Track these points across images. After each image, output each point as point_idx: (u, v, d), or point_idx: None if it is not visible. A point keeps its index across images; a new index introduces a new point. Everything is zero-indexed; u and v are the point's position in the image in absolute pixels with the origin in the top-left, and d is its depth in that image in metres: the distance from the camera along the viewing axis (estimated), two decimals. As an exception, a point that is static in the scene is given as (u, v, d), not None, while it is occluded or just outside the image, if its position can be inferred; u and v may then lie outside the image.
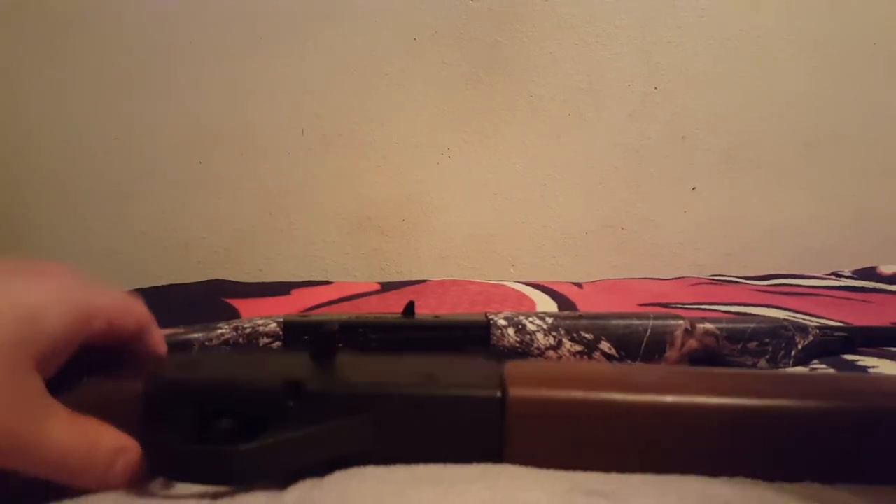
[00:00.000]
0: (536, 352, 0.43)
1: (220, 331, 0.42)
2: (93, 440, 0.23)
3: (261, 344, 0.42)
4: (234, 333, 0.41)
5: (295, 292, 0.61)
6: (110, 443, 0.23)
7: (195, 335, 0.42)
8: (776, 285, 0.66)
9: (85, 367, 0.24)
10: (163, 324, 0.43)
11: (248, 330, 0.42)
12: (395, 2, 0.77)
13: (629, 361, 0.43)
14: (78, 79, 0.78)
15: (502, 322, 0.44)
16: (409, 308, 0.44)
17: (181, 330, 0.43)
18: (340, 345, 0.26)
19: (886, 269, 0.71)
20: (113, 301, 0.24)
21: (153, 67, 0.78)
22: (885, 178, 0.83)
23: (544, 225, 0.82)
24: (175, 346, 0.42)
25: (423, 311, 0.44)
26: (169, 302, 0.59)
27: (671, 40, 0.79)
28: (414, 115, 0.80)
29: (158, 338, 0.27)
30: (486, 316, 0.44)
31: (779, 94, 0.81)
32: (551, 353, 0.43)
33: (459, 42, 0.79)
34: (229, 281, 0.70)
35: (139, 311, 0.26)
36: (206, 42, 0.78)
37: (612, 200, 0.82)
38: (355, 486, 0.25)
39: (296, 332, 0.42)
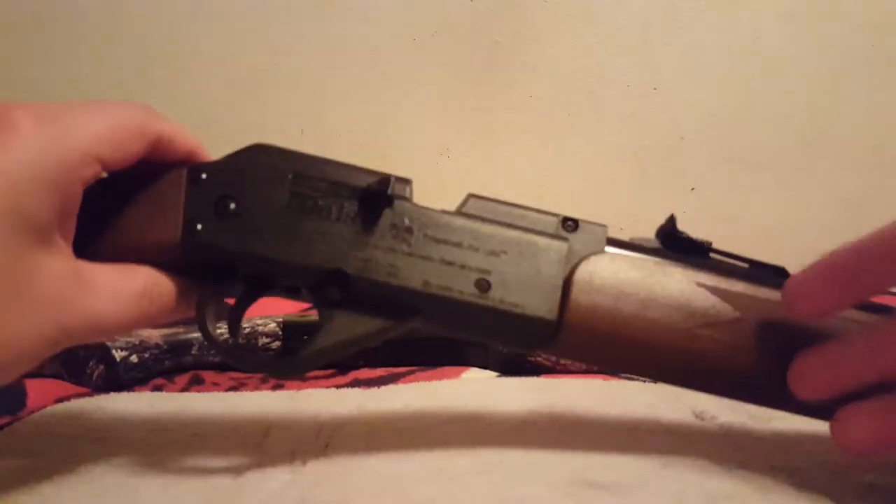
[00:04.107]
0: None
1: (219, 330, 0.42)
2: (136, 289, 0.22)
3: (260, 344, 0.42)
4: (234, 333, 0.41)
5: (294, 292, 0.60)
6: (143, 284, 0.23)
7: (195, 335, 0.42)
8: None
9: None
10: (162, 323, 0.43)
11: (248, 330, 0.42)
12: (395, 2, 0.77)
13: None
14: (77, 79, 0.78)
15: (502, 322, 0.44)
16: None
17: (181, 329, 0.43)
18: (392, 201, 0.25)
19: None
20: (166, 122, 0.24)
21: (150, 67, 0.78)
22: (884, 180, 0.83)
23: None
24: (174, 345, 0.42)
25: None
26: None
27: (671, 41, 0.79)
28: (413, 116, 0.80)
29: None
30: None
31: (778, 95, 0.81)
32: (551, 352, 0.43)
33: (459, 42, 0.79)
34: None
35: (190, 136, 0.25)
36: (203, 42, 0.78)
37: (612, 201, 0.82)
38: (356, 483, 0.25)
39: (295, 332, 0.42)
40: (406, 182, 0.27)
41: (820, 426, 0.32)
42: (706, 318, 0.25)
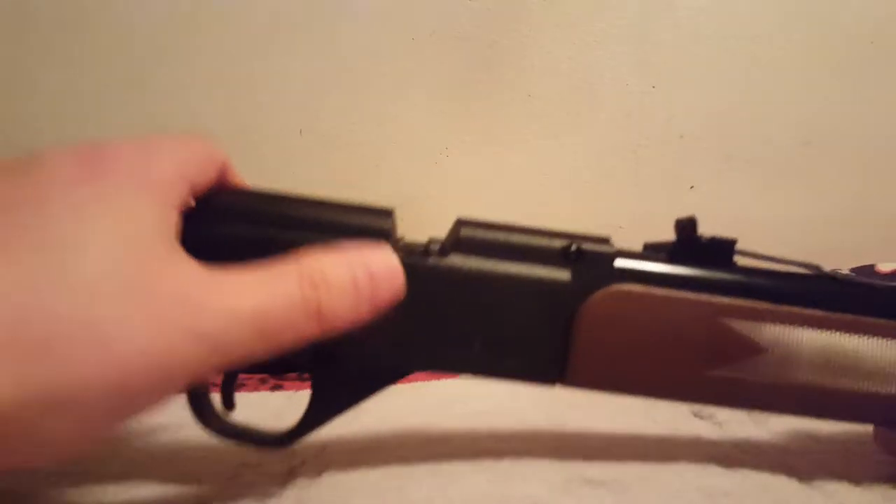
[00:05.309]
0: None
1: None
2: (282, 282, 0.20)
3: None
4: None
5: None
6: (297, 274, 0.20)
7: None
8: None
9: None
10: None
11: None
12: (393, 1, 0.77)
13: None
14: (76, 80, 0.78)
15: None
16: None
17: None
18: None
19: (884, 267, 0.71)
20: (223, 151, 0.24)
21: (150, 68, 0.78)
22: (883, 177, 0.83)
23: (543, 224, 0.82)
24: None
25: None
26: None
27: (669, 39, 0.79)
28: (412, 115, 0.80)
29: None
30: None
31: (777, 93, 0.81)
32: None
33: (457, 42, 0.79)
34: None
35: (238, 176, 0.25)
36: (202, 42, 0.78)
37: (611, 200, 0.82)
38: (354, 483, 0.25)
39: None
40: (386, 216, 0.23)
41: (818, 427, 0.32)
42: (724, 356, 0.24)
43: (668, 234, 0.29)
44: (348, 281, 0.21)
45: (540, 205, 0.83)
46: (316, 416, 0.24)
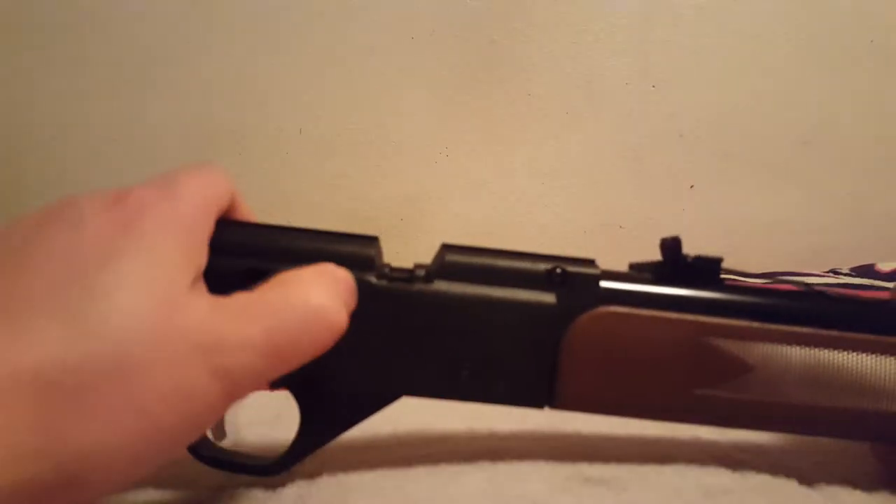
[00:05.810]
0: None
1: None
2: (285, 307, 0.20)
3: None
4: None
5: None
6: (299, 300, 0.20)
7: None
8: (775, 283, 0.65)
9: None
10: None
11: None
12: (393, 1, 0.77)
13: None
14: (75, 81, 0.78)
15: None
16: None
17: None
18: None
19: (884, 267, 0.71)
20: (234, 187, 0.24)
21: (149, 67, 0.78)
22: (883, 177, 0.83)
23: (542, 224, 0.82)
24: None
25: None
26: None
27: (669, 38, 0.79)
28: (412, 115, 0.80)
29: None
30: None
31: (777, 92, 0.81)
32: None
33: (457, 41, 0.79)
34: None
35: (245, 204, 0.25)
36: (201, 42, 0.78)
37: (611, 199, 0.82)
38: (355, 481, 0.25)
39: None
40: (371, 243, 0.24)
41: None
42: (712, 375, 0.24)
43: (668, 233, 0.29)
44: (343, 288, 0.21)
45: (540, 205, 0.83)
46: (305, 443, 0.24)
